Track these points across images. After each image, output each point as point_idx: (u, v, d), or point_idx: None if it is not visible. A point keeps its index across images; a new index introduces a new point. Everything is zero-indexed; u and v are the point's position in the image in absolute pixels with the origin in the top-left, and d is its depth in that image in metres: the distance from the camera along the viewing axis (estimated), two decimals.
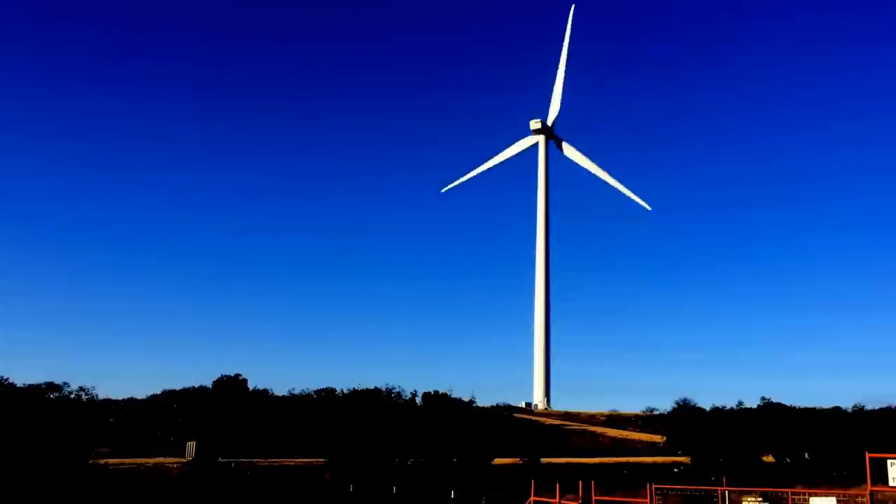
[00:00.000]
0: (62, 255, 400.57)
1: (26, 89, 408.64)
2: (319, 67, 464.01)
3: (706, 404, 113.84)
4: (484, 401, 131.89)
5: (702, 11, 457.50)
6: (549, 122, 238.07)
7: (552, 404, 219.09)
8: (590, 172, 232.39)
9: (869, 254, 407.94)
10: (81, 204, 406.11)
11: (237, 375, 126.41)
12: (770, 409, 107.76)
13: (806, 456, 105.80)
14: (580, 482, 54.69)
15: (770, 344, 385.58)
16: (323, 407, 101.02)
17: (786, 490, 48.74)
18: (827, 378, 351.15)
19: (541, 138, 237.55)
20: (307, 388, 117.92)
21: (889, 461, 38.74)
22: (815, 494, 45.80)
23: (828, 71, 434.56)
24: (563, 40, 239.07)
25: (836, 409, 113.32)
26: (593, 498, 53.31)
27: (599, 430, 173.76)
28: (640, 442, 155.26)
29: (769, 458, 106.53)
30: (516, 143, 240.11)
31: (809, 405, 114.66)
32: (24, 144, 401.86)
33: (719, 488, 52.15)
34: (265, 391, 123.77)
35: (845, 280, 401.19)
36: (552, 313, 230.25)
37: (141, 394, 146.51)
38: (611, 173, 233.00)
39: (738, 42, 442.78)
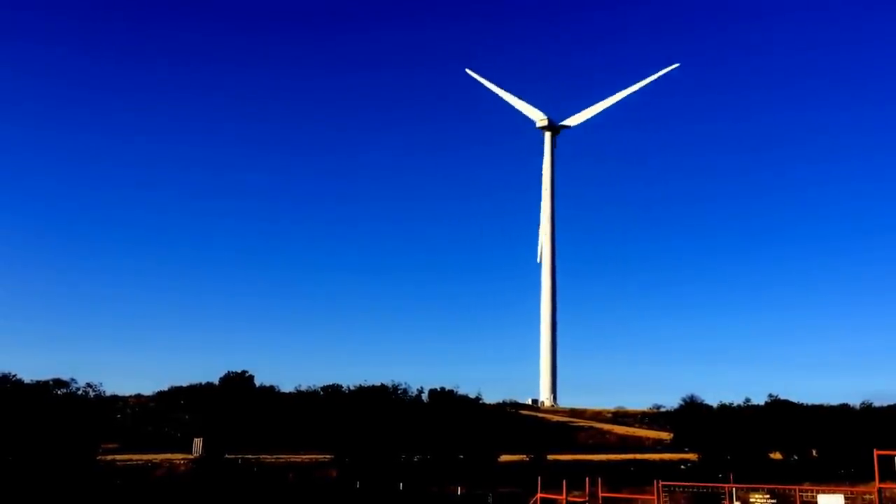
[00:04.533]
0: (69, 250, 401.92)
1: (29, 87, 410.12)
2: (324, 60, 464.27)
3: (713, 401, 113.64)
4: (490, 397, 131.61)
5: (707, 12, 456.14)
6: (560, 123, 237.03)
7: (558, 401, 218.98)
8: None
9: (877, 250, 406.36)
10: (90, 200, 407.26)
11: (244, 372, 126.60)
12: (777, 406, 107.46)
13: (814, 453, 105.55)
14: (587, 479, 54.59)
15: (778, 341, 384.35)
16: (329, 404, 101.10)
17: (793, 487, 48.61)
18: (835, 375, 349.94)
19: (547, 135, 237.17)
20: (314, 385, 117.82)
21: None
22: (823, 492, 45.63)
23: (836, 70, 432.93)
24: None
25: (844, 407, 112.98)
26: (600, 495, 53.22)
27: (606, 426, 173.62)
28: (647, 439, 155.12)
29: (777, 456, 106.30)
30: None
31: (817, 402, 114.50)
32: (30, 141, 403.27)
33: (727, 485, 52.10)
34: (272, 388, 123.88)
35: (854, 276, 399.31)
36: (558, 309, 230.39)
37: (148, 390, 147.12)
38: (614, 171, 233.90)
39: (745, 41, 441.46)
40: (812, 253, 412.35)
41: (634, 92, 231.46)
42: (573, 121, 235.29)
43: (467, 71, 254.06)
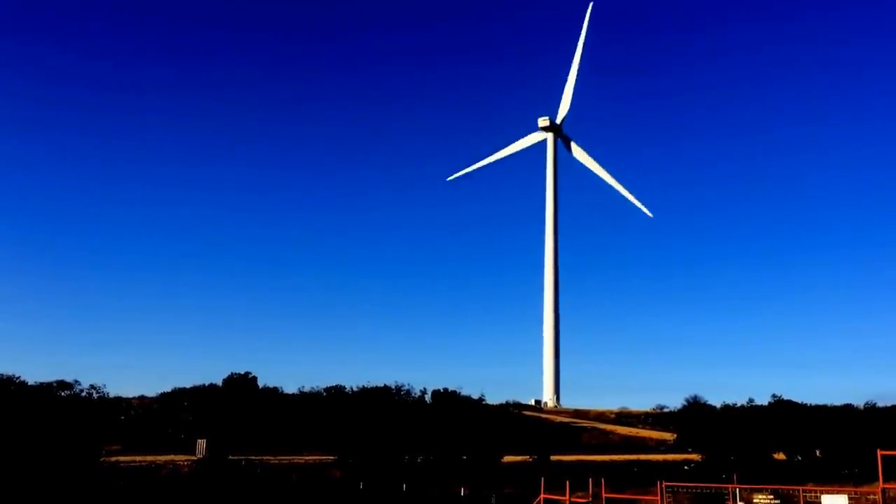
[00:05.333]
0: (71, 252, 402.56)
1: (32, 89, 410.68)
2: (326, 62, 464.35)
3: (716, 402, 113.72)
4: (493, 398, 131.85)
5: (709, 10, 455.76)
6: (558, 121, 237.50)
7: (562, 402, 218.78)
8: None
9: (880, 251, 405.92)
10: (93, 202, 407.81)
11: (247, 373, 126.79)
12: (781, 407, 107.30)
13: (817, 454, 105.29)
14: (590, 480, 54.59)
15: (781, 341, 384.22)
16: (332, 405, 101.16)
17: (797, 488, 48.59)
18: (838, 375, 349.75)
19: (549, 136, 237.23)
20: (317, 386, 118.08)
21: None
22: (827, 492, 45.57)
23: (830, 71, 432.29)
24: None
25: (848, 407, 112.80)
26: (603, 495, 53.18)
27: (609, 427, 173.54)
28: (651, 439, 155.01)
29: (780, 456, 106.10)
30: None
31: (821, 403, 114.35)
32: (30, 143, 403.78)
33: (730, 486, 52.02)
34: (275, 389, 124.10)
35: (856, 277, 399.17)
36: (561, 310, 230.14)
37: (151, 392, 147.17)
38: (619, 171, 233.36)
39: (745, 42, 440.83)
40: (815, 254, 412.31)
41: (583, 48, 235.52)
42: (563, 108, 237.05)
43: (448, 178, 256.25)
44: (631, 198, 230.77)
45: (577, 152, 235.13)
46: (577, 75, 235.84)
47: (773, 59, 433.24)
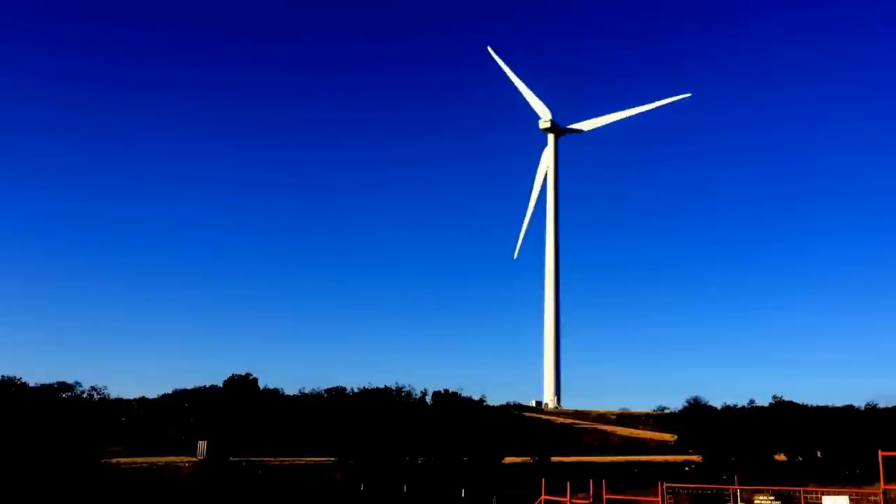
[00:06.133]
0: (72, 254, 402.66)
1: (31, 89, 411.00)
2: (315, 67, 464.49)
3: (717, 403, 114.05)
4: (494, 399, 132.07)
5: (700, 9, 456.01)
6: (567, 127, 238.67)
7: (563, 403, 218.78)
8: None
9: (881, 251, 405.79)
10: (94, 203, 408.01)
11: (248, 375, 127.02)
12: (782, 408, 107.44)
13: (818, 454, 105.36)
14: (591, 481, 54.58)
15: (782, 342, 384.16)
16: (333, 406, 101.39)
17: (798, 489, 48.51)
18: (839, 376, 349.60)
19: (550, 137, 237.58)
20: (318, 388, 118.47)
21: None
22: (828, 493, 45.54)
23: (830, 71, 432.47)
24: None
25: (849, 408, 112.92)
26: (604, 497, 53.18)
27: (610, 428, 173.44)
28: (652, 441, 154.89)
29: (781, 457, 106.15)
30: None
31: (822, 404, 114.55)
32: (31, 143, 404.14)
33: (731, 487, 51.92)
34: (276, 390, 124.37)
35: (858, 278, 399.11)
36: (562, 312, 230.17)
37: (152, 393, 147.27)
38: (617, 171, 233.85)
39: (737, 41, 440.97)
40: (815, 254, 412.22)
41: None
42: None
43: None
44: (666, 101, 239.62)
45: (592, 122, 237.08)
46: (529, 88, 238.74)
47: (773, 59, 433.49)
